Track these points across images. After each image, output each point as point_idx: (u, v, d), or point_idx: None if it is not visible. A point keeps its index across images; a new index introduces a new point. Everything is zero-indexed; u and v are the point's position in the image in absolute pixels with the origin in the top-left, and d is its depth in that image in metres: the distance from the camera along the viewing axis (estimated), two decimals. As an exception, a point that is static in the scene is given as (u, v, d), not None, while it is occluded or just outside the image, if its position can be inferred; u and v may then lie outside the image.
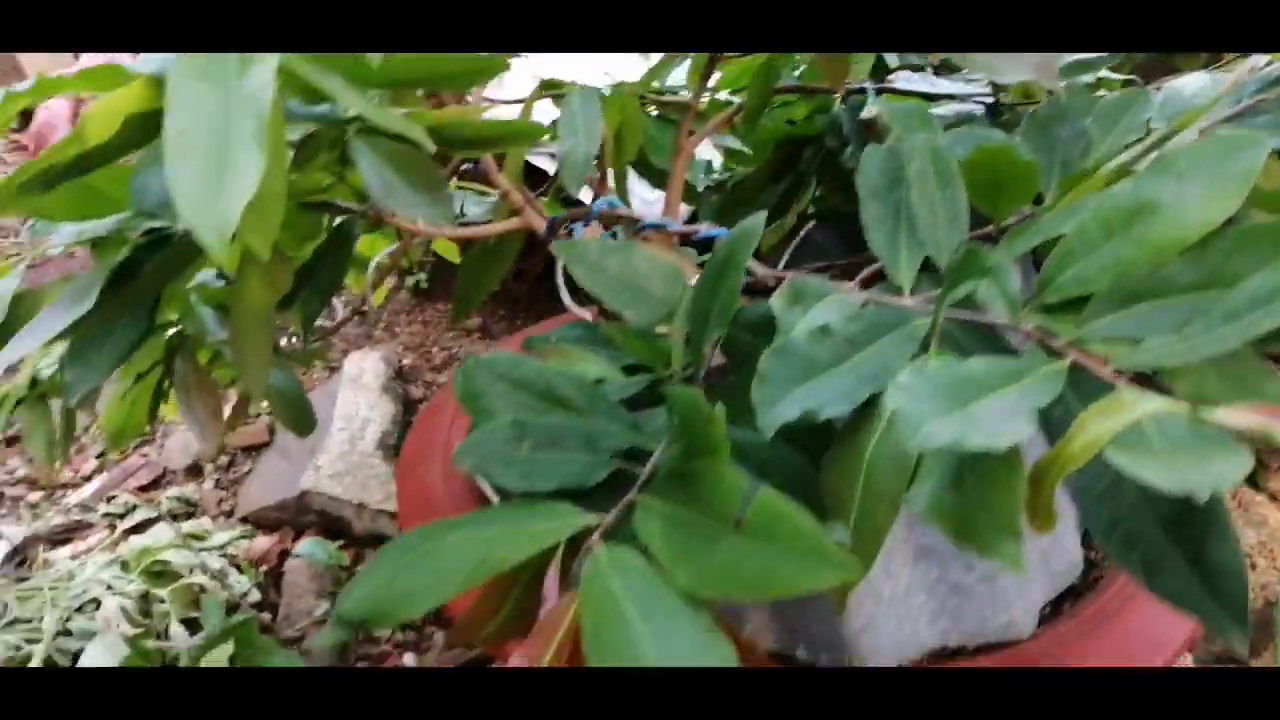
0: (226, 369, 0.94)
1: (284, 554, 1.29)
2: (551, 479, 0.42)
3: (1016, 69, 0.58)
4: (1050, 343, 0.38)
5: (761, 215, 0.47)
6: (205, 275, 0.77)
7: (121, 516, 1.35)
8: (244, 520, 1.36)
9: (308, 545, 1.23)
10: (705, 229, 0.57)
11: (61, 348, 0.80)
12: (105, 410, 0.92)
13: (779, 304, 0.43)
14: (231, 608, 1.16)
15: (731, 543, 0.34)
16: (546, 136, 0.67)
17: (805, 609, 0.53)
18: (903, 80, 0.77)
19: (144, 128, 0.48)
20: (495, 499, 0.63)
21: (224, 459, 1.44)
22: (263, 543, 1.31)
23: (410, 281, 1.72)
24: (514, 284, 1.75)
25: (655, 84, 0.77)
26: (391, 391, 1.42)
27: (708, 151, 0.91)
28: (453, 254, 1.15)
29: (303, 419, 0.82)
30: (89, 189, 0.60)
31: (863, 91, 0.76)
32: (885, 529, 0.38)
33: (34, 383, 0.75)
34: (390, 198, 0.54)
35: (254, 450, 1.44)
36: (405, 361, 1.50)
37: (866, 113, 0.61)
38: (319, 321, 1.30)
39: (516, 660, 0.38)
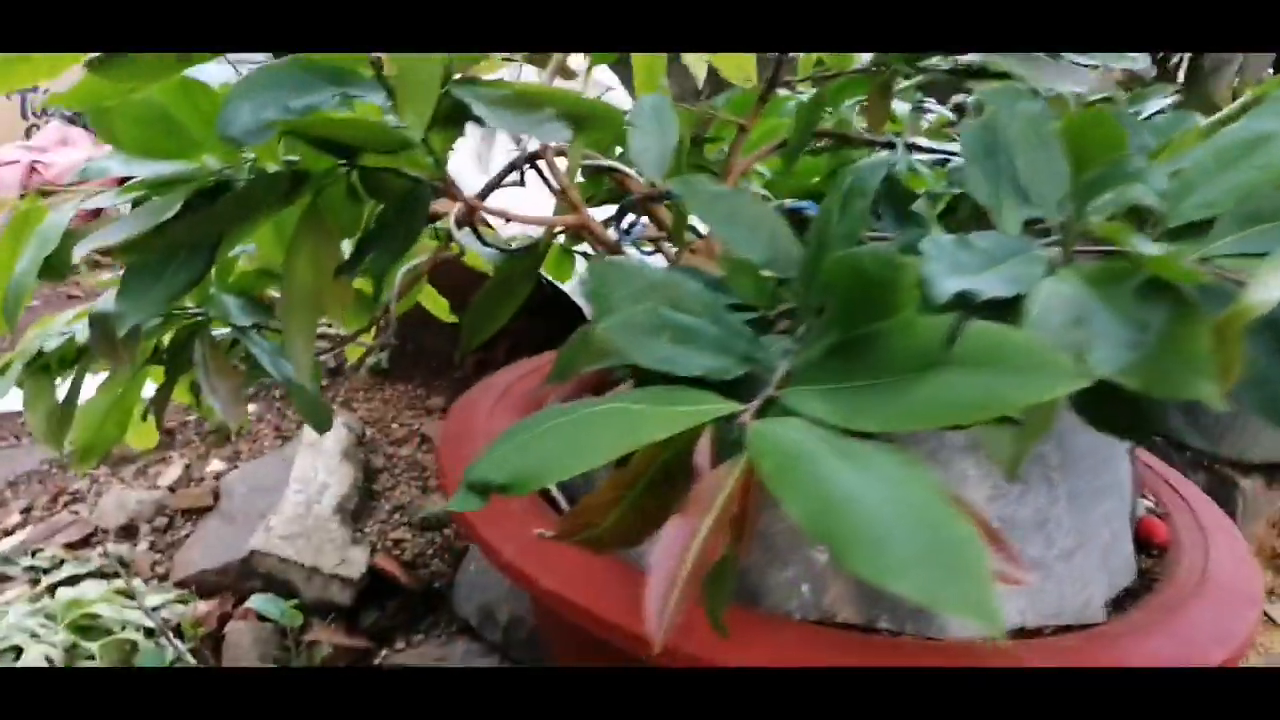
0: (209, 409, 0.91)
1: (224, 618, 1.21)
2: (693, 368, 0.42)
3: (1057, 77, 0.63)
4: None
5: (873, 167, 0.49)
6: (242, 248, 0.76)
7: (47, 571, 1.25)
8: (180, 584, 1.27)
9: (260, 600, 1.16)
10: (789, 204, 0.58)
11: (62, 323, 0.77)
12: (77, 424, 0.87)
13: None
14: (170, 664, 1.08)
15: (938, 379, 0.34)
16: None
17: None
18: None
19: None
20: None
21: (161, 520, 1.36)
22: (201, 607, 1.23)
23: (371, 361, 1.69)
24: (475, 376, 1.73)
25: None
26: (353, 458, 1.37)
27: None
28: (442, 311, 1.14)
29: (321, 416, 0.79)
30: (169, 120, 0.59)
31: (891, 146, 0.80)
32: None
33: (39, 354, 0.71)
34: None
35: (195, 514, 1.37)
36: (365, 433, 1.46)
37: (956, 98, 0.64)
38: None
39: (674, 527, 0.37)
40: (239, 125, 0.56)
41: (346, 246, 0.68)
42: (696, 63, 1.01)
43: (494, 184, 0.76)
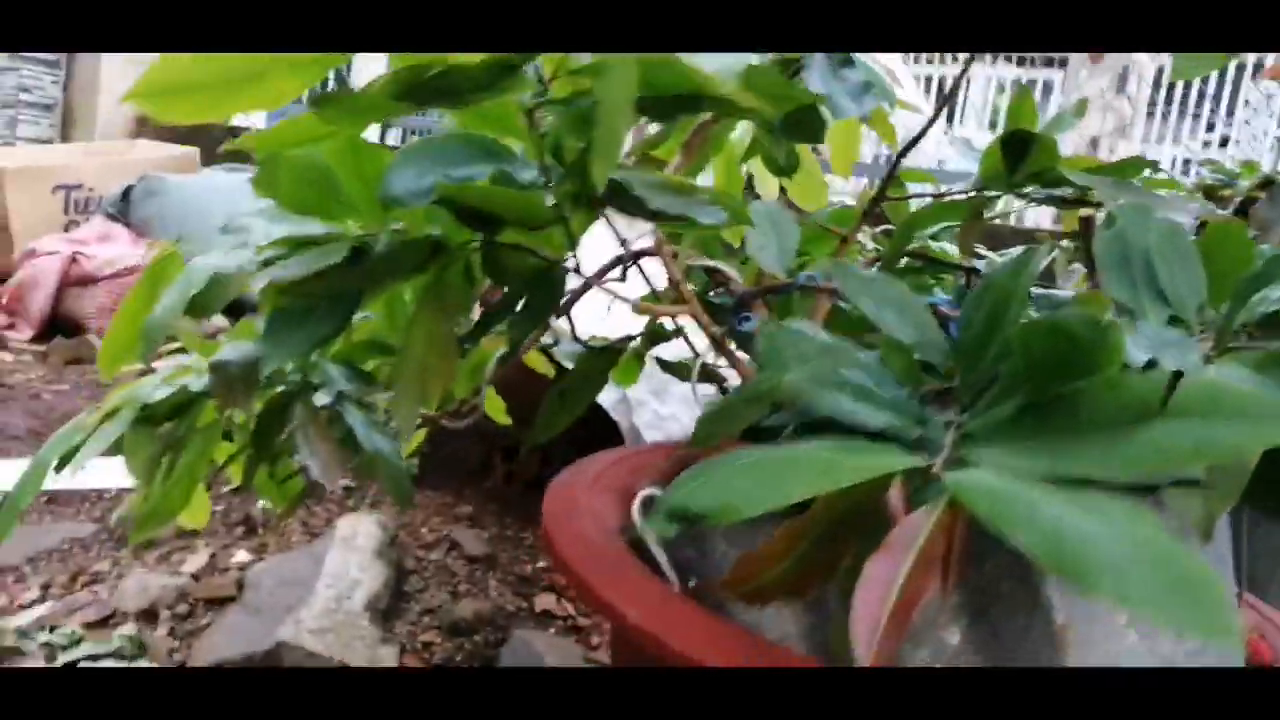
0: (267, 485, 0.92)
1: (243, 711, 1.17)
2: (875, 423, 0.43)
3: (1166, 208, 0.67)
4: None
5: (1034, 249, 0.51)
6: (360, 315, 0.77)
7: (64, 648, 1.21)
8: (197, 674, 1.24)
9: (290, 692, 1.12)
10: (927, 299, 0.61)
11: (159, 379, 0.78)
12: (135, 496, 0.87)
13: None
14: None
15: (1155, 429, 0.35)
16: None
17: (1023, 659, 0.52)
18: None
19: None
20: (657, 550, 0.61)
21: (183, 608, 1.33)
22: (219, 698, 1.19)
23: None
24: (505, 485, 1.73)
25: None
26: (385, 557, 1.36)
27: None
28: (499, 412, 1.16)
29: (405, 491, 0.79)
30: (330, 179, 0.62)
31: (975, 271, 0.84)
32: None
33: (145, 406, 0.72)
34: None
35: (218, 604, 1.34)
36: (396, 535, 1.45)
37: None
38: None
39: (874, 566, 0.38)
40: (403, 187, 0.59)
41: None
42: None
43: (603, 271, 0.79)
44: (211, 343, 0.80)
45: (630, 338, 0.97)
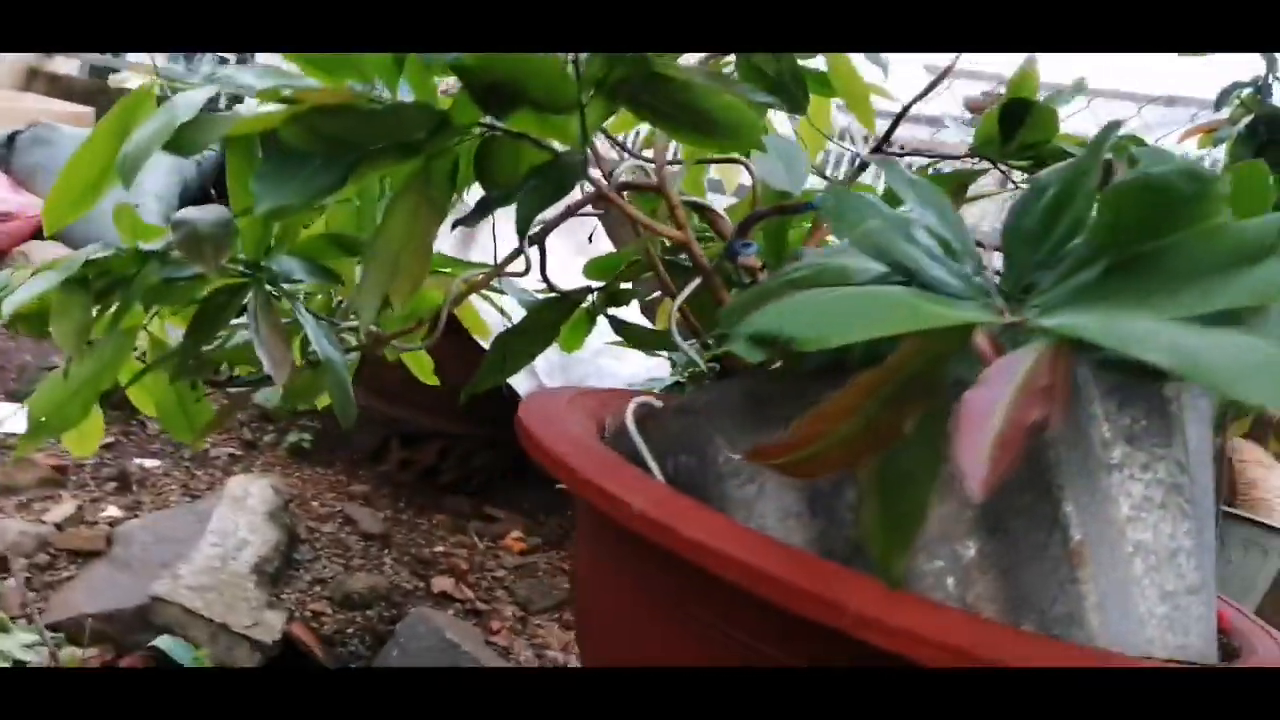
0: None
1: (106, 666, 1.06)
2: (953, 282, 0.42)
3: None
4: None
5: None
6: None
7: (-98, 587, 1.08)
8: (52, 628, 1.12)
9: (168, 642, 1.02)
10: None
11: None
12: (36, 398, 0.79)
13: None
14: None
15: (1270, 267, 0.35)
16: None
17: (1038, 573, 0.50)
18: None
19: None
20: (642, 445, 0.58)
21: (43, 557, 1.21)
22: (78, 652, 1.08)
23: (291, 438, 1.60)
24: (400, 472, 1.65)
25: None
26: (278, 521, 1.27)
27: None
28: (425, 371, 1.10)
29: (348, 406, 0.74)
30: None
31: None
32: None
33: (86, 263, 0.65)
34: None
35: (82, 556, 1.22)
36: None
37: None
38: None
39: (974, 400, 0.36)
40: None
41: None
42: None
43: (556, 223, 0.76)
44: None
45: (589, 290, 0.94)
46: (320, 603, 1.20)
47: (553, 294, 0.91)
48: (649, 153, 0.76)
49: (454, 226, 0.65)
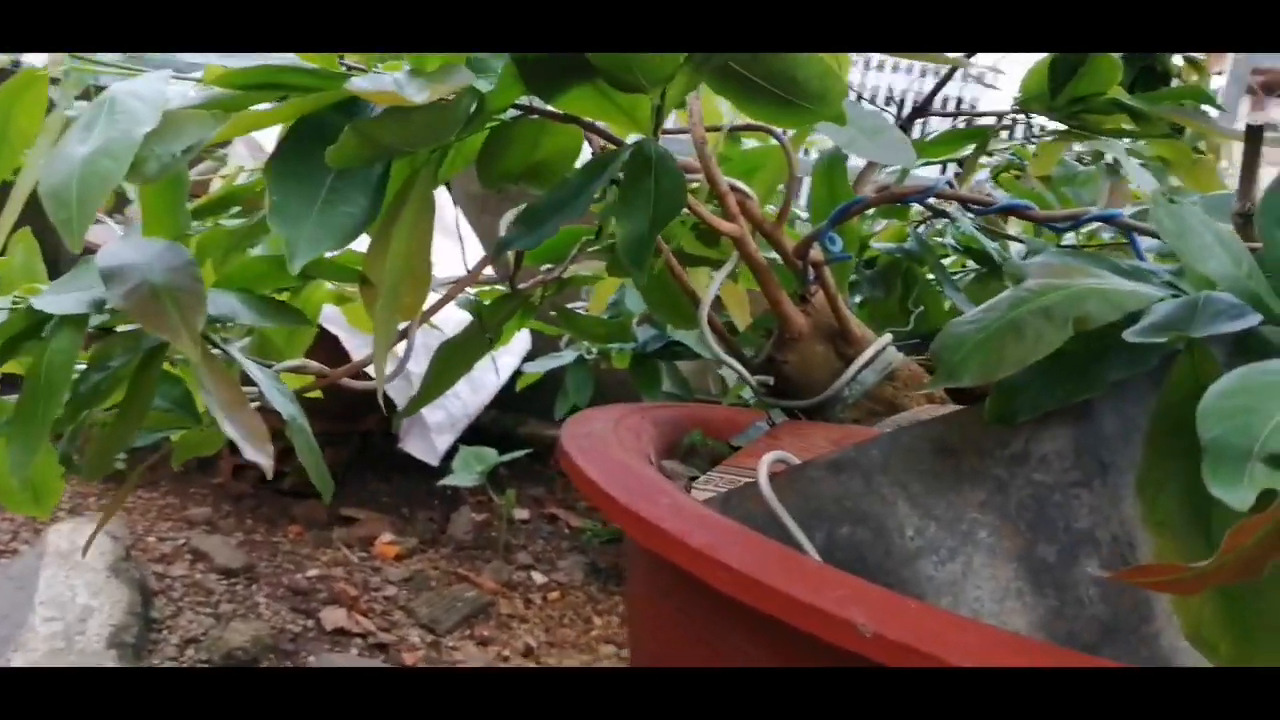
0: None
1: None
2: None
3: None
4: None
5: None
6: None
7: None
8: None
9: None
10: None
11: None
12: None
13: None
14: None
15: None
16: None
17: (1106, 589, 0.43)
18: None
19: None
20: (793, 526, 0.46)
21: None
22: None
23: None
24: (234, 481, 1.43)
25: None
26: (125, 576, 1.04)
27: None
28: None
29: (325, 480, 0.57)
30: None
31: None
32: None
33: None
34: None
35: None
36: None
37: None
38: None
39: None
40: None
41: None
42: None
43: None
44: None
45: (542, 282, 0.80)
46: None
47: (501, 293, 0.76)
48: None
49: (499, 251, 0.49)
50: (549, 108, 0.49)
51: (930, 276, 0.84)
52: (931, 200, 0.64)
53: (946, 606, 0.44)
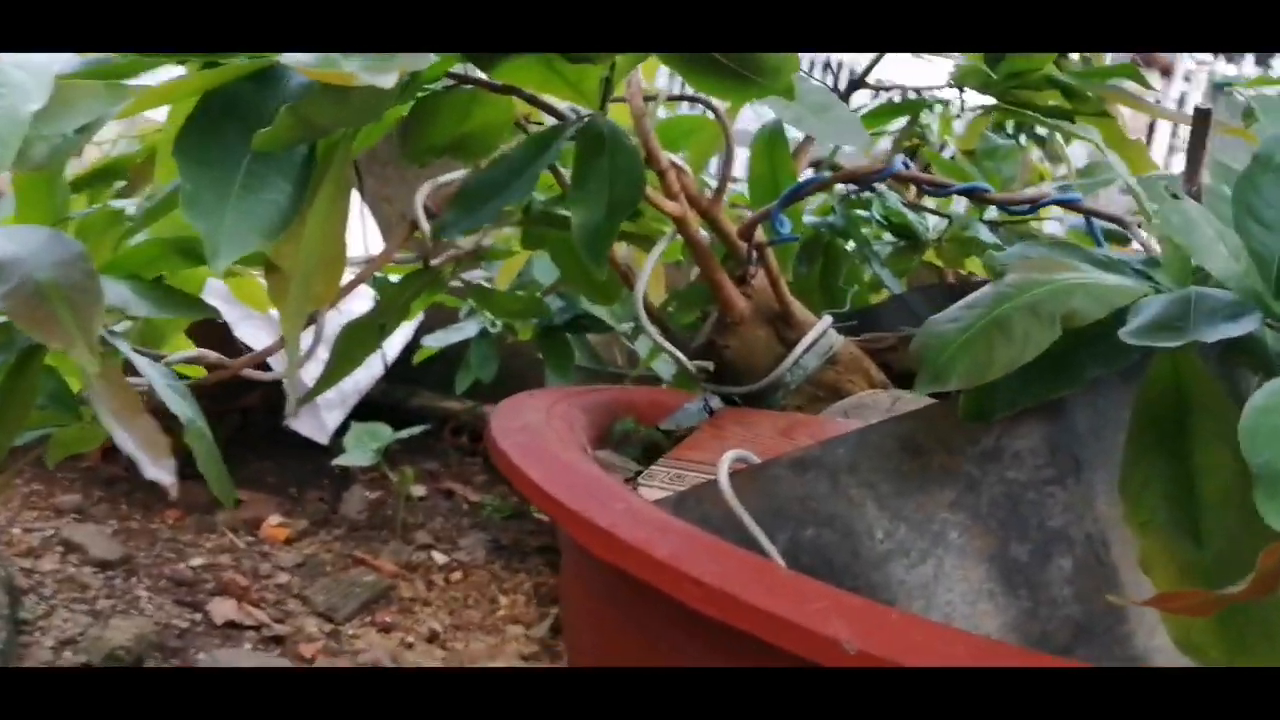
0: None
1: None
2: None
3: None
4: None
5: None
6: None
7: None
8: None
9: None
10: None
11: None
12: None
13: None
14: None
15: None
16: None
17: (1079, 589, 0.43)
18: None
19: None
20: (757, 530, 0.44)
21: None
22: None
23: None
24: (104, 464, 1.33)
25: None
26: (-13, 575, 0.95)
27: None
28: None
29: (227, 488, 0.51)
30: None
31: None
32: None
33: None
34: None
35: None
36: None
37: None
38: None
39: None
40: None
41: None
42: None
43: None
44: None
45: (455, 257, 0.75)
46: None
47: (411, 269, 0.71)
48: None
49: (437, 236, 0.44)
50: (484, 77, 0.45)
51: (850, 249, 0.82)
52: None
53: (919, 610, 0.42)
